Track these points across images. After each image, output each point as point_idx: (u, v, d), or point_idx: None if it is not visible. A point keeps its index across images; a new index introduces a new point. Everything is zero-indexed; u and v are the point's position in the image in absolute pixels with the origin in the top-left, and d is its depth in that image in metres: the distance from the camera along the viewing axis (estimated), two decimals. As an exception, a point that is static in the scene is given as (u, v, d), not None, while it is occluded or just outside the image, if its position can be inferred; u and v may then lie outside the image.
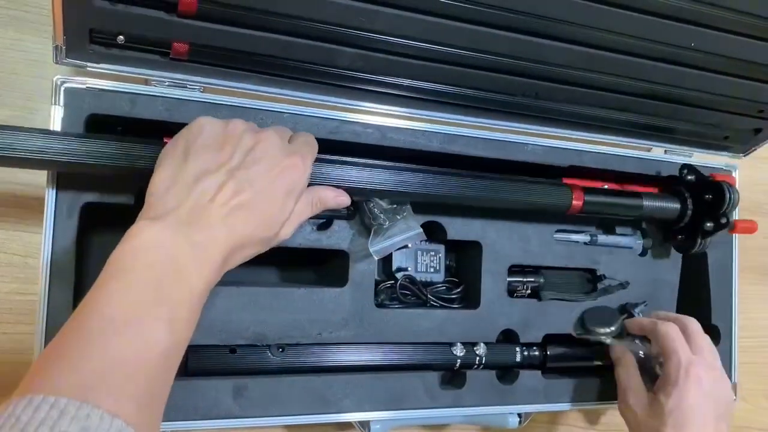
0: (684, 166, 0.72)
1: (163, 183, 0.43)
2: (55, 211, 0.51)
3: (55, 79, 0.51)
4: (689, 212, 0.69)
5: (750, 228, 0.71)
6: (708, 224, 0.68)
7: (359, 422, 0.62)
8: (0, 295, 0.59)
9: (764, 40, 0.60)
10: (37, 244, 0.59)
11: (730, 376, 0.76)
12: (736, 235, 0.77)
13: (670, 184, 0.72)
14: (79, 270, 0.53)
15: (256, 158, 0.45)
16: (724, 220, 0.68)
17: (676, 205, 0.70)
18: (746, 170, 0.79)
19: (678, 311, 0.74)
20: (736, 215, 0.74)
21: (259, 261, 0.64)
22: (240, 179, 0.44)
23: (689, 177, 0.71)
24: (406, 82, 0.60)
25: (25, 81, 0.61)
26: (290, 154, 0.48)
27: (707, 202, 0.69)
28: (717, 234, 0.69)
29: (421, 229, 0.59)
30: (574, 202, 0.64)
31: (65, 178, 0.51)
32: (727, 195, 0.67)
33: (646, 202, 0.68)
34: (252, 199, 0.44)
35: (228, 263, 0.45)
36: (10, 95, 0.61)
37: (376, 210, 0.58)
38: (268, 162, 0.46)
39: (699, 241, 0.69)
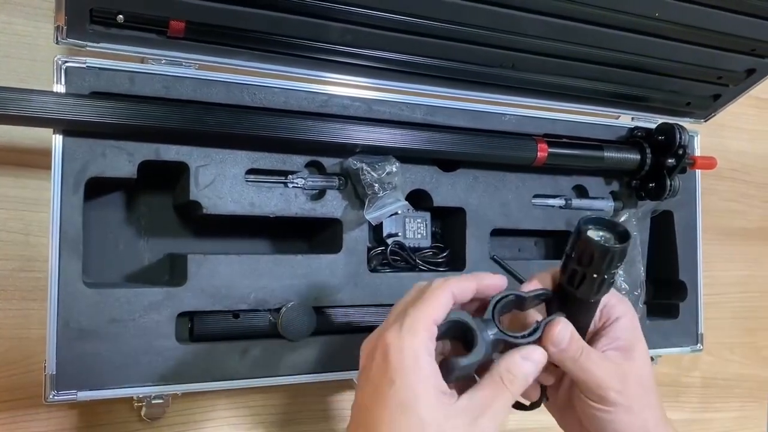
0: (635, 127, 0.78)
1: None
2: (61, 187, 0.53)
3: (56, 58, 0.53)
4: (649, 157, 0.75)
5: (709, 164, 0.78)
6: (669, 161, 0.74)
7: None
8: (4, 273, 0.61)
9: (723, 9, 0.64)
10: (38, 223, 0.62)
11: (696, 329, 0.82)
12: (699, 195, 0.83)
13: (628, 139, 0.79)
14: (86, 242, 0.55)
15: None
16: (681, 152, 0.74)
17: (636, 155, 0.76)
18: (707, 137, 0.85)
19: (648, 267, 0.79)
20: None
21: (254, 233, 0.68)
22: None
23: (640, 134, 0.78)
24: (391, 55, 0.63)
25: (18, 63, 0.63)
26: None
27: (662, 144, 0.75)
28: (683, 188, 0.75)
29: (407, 202, 0.63)
30: (539, 154, 0.69)
31: (70, 153, 0.53)
32: (676, 130, 0.74)
33: (607, 153, 0.74)
34: None
35: None
36: (4, 78, 0.62)
37: (369, 180, 0.61)
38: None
39: (668, 183, 0.75)
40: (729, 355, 1.01)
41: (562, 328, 0.44)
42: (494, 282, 0.46)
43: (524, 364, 0.43)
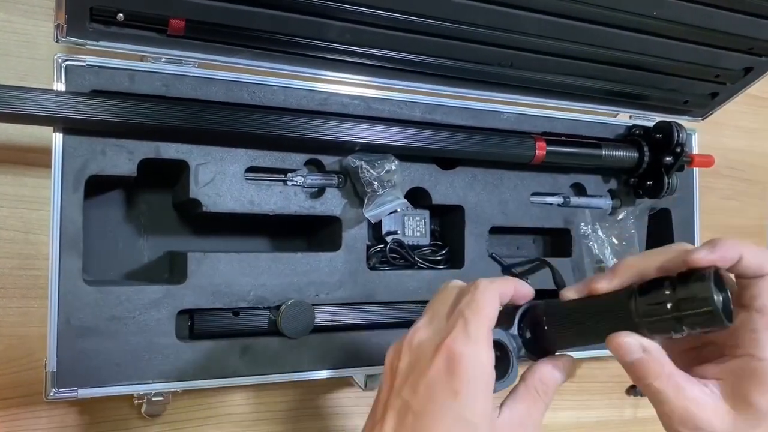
0: (633, 125, 0.78)
1: None
2: (61, 185, 0.53)
3: (56, 57, 0.53)
4: (647, 155, 0.75)
5: (707, 162, 0.78)
6: (667, 158, 0.75)
7: (361, 376, 0.66)
8: (4, 271, 0.61)
9: (721, 8, 0.64)
10: (38, 221, 0.62)
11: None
12: (697, 193, 0.83)
13: (626, 137, 0.79)
14: (86, 240, 0.55)
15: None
16: (678, 149, 0.74)
17: (634, 153, 0.76)
18: (704, 135, 0.85)
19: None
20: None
21: (253, 231, 0.68)
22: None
23: (638, 132, 0.78)
24: (390, 54, 0.63)
25: (17, 62, 0.63)
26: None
27: (660, 143, 0.75)
28: (680, 186, 0.76)
29: (405, 200, 0.64)
30: (537, 152, 0.69)
31: (71, 151, 0.54)
32: (674, 129, 0.74)
33: (605, 151, 0.74)
34: None
35: None
36: (3, 76, 0.62)
37: (368, 178, 0.61)
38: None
39: (666, 181, 0.75)
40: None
41: (628, 341, 0.37)
42: (525, 291, 0.43)
43: (555, 374, 0.41)
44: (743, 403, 0.36)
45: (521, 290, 0.43)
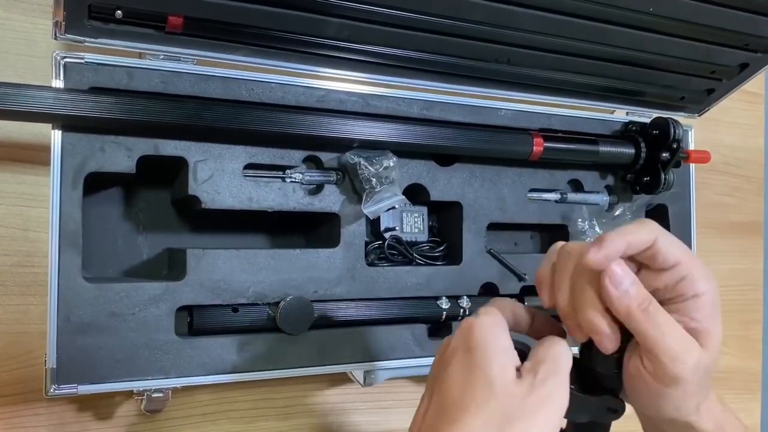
0: (630, 122, 0.79)
1: None
2: (60, 182, 0.53)
3: (54, 54, 0.53)
4: (643, 151, 0.76)
5: (703, 158, 0.79)
6: (664, 155, 0.75)
7: (360, 372, 0.66)
8: (3, 268, 0.61)
9: (716, 4, 0.65)
10: (37, 218, 0.62)
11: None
12: (694, 189, 0.83)
13: (622, 134, 0.79)
14: (85, 237, 0.55)
15: None
16: (675, 145, 0.74)
17: (631, 149, 0.76)
18: (700, 132, 0.85)
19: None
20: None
21: (252, 228, 0.68)
22: None
23: (634, 128, 0.78)
24: (389, 50, 0.63)
25: (16, 59, 0.63)
26: None
27: (656, 138, 0.76)
28: (677, 182, 0.76)
29: (404, 196, 0.64)
30: (535, 148, 0.69)
31: (70, 149, 0.54)
32: (671, 125, 0.75)
33: (603, 147, 0.74)
34: None
35: None
36: (2, 73, 0.62)
37: (366, 174, 0.62)
38: None
39: (663, 177, 0.75)
40: (723, 348, 1.01)
41: (620, 267, 0.39)
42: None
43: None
44: (705, 337, 0.40)
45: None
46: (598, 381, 0.43)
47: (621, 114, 0.81)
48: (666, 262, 0.40)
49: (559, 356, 0.41)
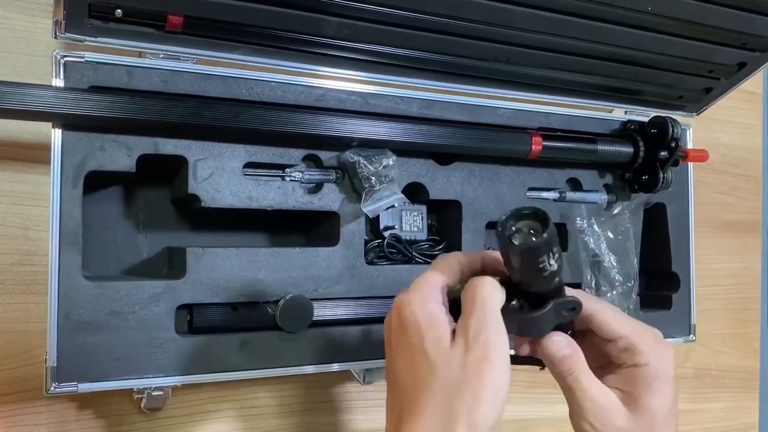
0: (628, 121, 0.79)
1: None
2: (61, 181, 0.53)
3: (54, 53, 0.54)
4: (642, 150, 0.76)
5: (701, 156, 0.79)
6: (662, 153, 0.75)
7: (360, 370, 0.66)
8: (3, 267, 0.61)
9: (715, 3, 0.65)
10: (37, 217, 0.62)
11: (688, 321, 0.83)
12: (692, 188, 0.83)
13: (621, 133, 0.80)
14: (85, 235, 0.55)
15: None
16: (673, 144, 0.75)
17: (629, 148, 0.76)
18: (698, 131, 0.86)
19: (641, 259, 0.80)
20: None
21: (251, 226, 0.68)
22: None
23: (633, 127, 0.79)
24: (388, 49, 0.64)
25: (16, 58, 0.63)
26: None
27: (654, 137, 0.76)
28: (675, 181, 0.76)
29: (403, 195, 0.64)
30: (533, 147, 0.70)
31: (70, 147, 0.54)
32: (669, 124, 0.75)
33: (601, 146, 0.75)
34: None
35: None
36: (2, 72, 0.62)
37: (366, 173, 0.62)
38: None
39: (661, 176, 0.76)
40: (721, 347, 1.02)
41: (559, 339, 0.44)
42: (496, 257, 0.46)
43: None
44: (636, 405, 0.44)
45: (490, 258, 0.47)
46: (542, 295, 0.44)
47: (619, 113, 0.82)
48: (609, 334, 0.45)
49: (484, 300, 0.41)
